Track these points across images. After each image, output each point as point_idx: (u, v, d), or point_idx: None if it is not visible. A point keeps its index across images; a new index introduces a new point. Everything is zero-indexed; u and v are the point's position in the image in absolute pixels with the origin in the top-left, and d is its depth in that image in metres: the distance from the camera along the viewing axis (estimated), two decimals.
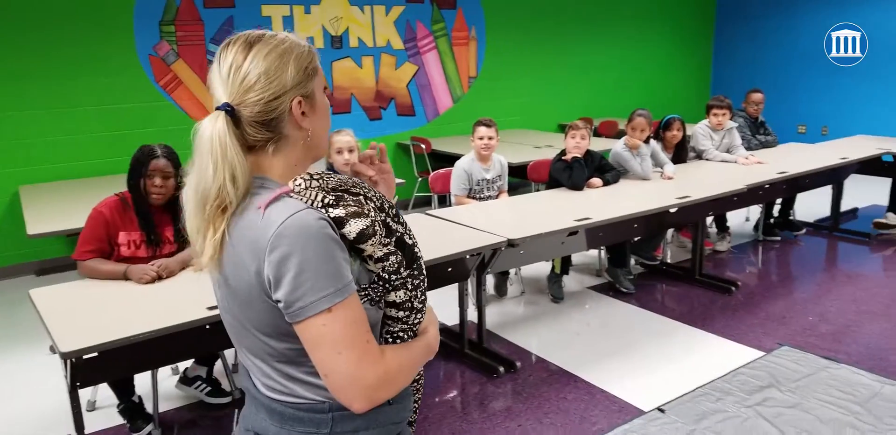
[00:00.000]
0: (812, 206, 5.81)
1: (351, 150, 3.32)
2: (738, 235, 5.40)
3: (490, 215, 3.62)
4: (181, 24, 5.37)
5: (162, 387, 3.02)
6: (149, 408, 2.85)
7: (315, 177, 1.02)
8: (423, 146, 6.06)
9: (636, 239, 4.52)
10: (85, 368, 2.16)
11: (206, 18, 5.47)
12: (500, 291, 4.24)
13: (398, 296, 1.08)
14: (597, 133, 7.09)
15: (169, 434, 2.83)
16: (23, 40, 4.80)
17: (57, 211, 3.85)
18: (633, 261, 4.61)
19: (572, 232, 3.46)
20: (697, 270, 4.39)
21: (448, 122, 6.85)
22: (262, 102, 1.00)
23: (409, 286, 1.09)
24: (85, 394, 2.94)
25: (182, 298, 2.43)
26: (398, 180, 4.57)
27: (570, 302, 4.14)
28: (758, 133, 5.38)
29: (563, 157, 4.07)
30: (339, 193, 1.01)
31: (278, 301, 0.97)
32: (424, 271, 1.13)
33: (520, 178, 5.13)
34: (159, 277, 2.56)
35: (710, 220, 5.10)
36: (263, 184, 1.03)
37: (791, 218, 5.36)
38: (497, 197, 4.12)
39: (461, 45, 6.82)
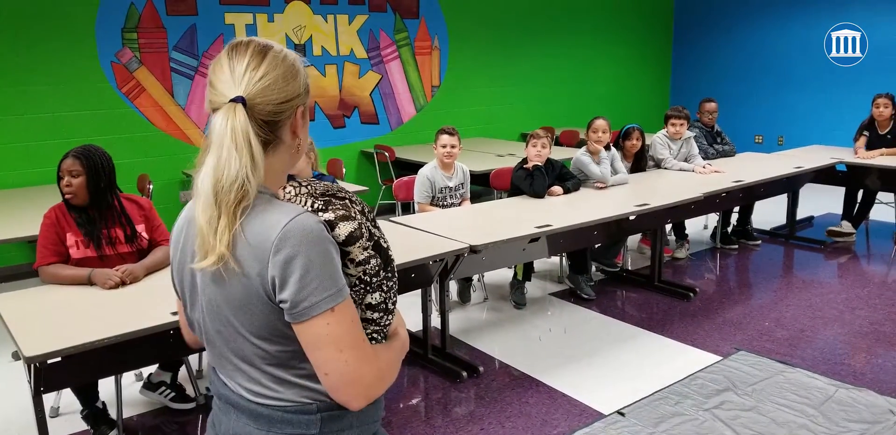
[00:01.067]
0: (768, 214, 5.94)
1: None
2: (697, 242, 5.50)
3: (453, 222, 3.64)
4: (143, 31, 5.32)
5: (126, 393, 3.00)
6: (113, 414, 2.82)
7: (303, 183, 1.06)
8: (387, 154, 6.07)
9: (597, 246, 4.57)
10: (49, 373, 2.16)
11: (169, 26, 5.42)
12: (464, 297, 4.25)
13: (374, 298, 1.11)
14: (558, 142, 7.16)
15: None
16: None
17: (16, 218, 3.81)
18: (594, 267, 4.67)
19: (534, 239, 3.49)
20: (657, 276, 4.46)
21: (411, 131, 6.88)
22: (274, 103, 1.03)
23: (385, 288, 1.12)
24: (48, 400, 2.84)
25: (146, 303, 2.42)
26: (362, 188, 4.62)
27: (532, 308, 4.17)
28: (715, 143, 5.50)
29: (524, 166, 4.11)
30: (328, 198, 1.05)
31: (282, 301, 0.99)
32: (396, 273, 1.16)
33: (482, 186, 5.17)
34: (123, 283, 2.55)
35: (668, 227, 5.18)
36: (259, 188, 1.03)
37: (748, 227, 5.47)
38: (460, 204, 4.14)
39: (424, 55, 6.87)
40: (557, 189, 4.15)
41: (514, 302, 4.19)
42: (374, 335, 1.13)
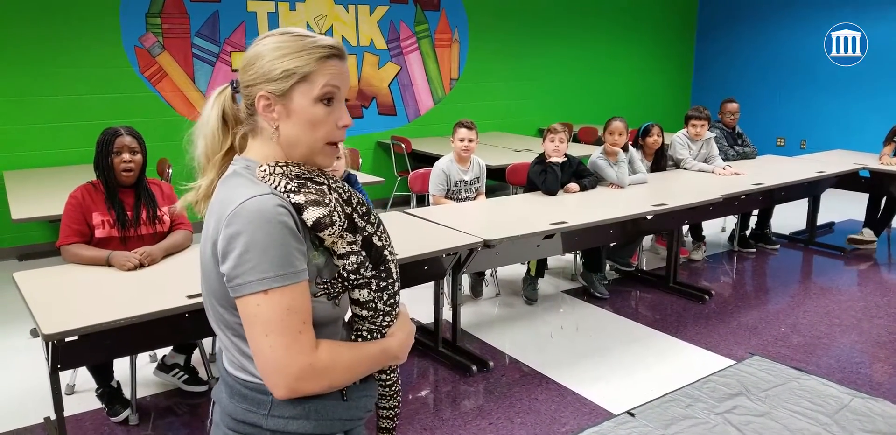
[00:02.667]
0: (788, 218, 5.86)
1: (338, 157, 3.28)
2: (714, 244, 5.43)
3: (467, 216, 3.61)
4: (167, 16, 5.33)
5: (140, 373, 3.03)
6: (127, 393, 2.86)
7: (280, 164, 1.05)
8: (403, 146, 6.05)
9: (612, 245, 4.53)
10: (66, 351, 2.19)
11: (192, 12, 5.43)
12: (476, 291, 4.22)
13: (361, 295, 1.10)
14: (576, 139, 7.12)
15: (146, 420, 2.84)
16: (10, 29, 4.77)
17: (40, 197, 3.85)
18: (608, 266, 4.62)
19: (548, 235, 3.46)
20: (672, 277, 4.41)
21: (429, 123, 6.85)
22: (244, 85, 1.09)
23: (374, 287, 1.10)
24: (64, 378, 2.94)
25: (163, 285, 2.44)
26: (377, 179, 4.61)
27: (544, 305, 4.14)
28: (735, 144, 5.42)
29: (541, 161, 4.08)
30: (303, 181, 1.03)
31: (222, 274, 1.01)
32: (395, 275, 1.14)
33: (498, 181, 5.14)
34: (141, 265, 2.58)
35: (686, 229, 5.12)
36: (248, 164, 1.08)
37: (767, 231, 5.40)
38: (475, 199, 4.11)
39: (444, 47, 6.84)
40: (574, 186, 4.10)
41: (525, 298, 4.17)
42: (366, 334, 1.12)
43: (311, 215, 1.00)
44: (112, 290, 2.43)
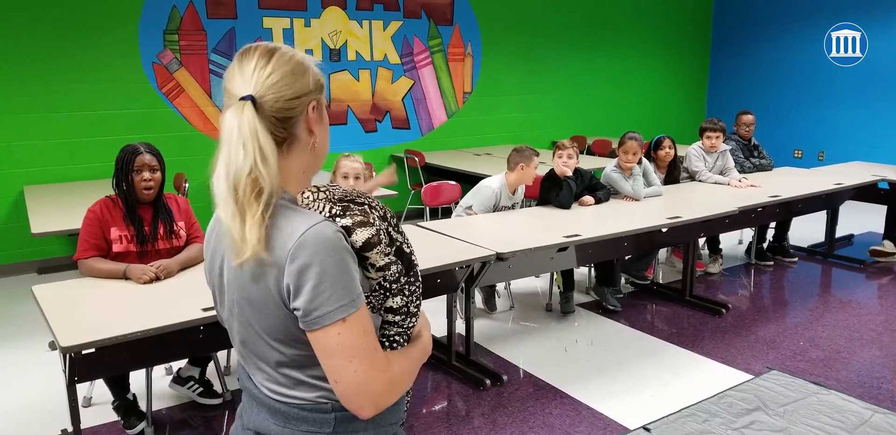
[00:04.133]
0: (806, 231, 5.79)
1: (357, 177, 3.27)
2: (731, 257, 5.38)
3: (480, 229, 3.61)
4: (184, 33, 5.42)
5: (156, 386, 3.05)
6: (143, 406, 2.88)
7: (322, 189, 1.07)
8: (417, 159, 6.09)
9: (627, 258, 4.50)
10: (83, 364, 2.22)
11: (209, 28, 5.52)
12: (490, 305, 4.21)
13: (396, 302, 1.11)
14: (589, 151, 7.10)
15: (161, 432, 2.86)
16: (30, 45, 4.87)
17: (60, 211, 3.91)
18: (623, 280, 4.59)
19: (562, 248, 3.45)
20: (688, 290, 4.37)
21: (442, 136, 6.88)
22: (283, 99, 1.03)
23: (406, 292, 1.12)
24: (81, 391, 2.97)
25: (178, 298, 2.46)
26: (391, 192, 4.63)
27: (558, 319, 4.11)
28: (751, 156, 5.38)
29: (552, 176, 4.07)
30: (346, 204, 1.05)
31: (296, 309, 1.00)
32: (420, 277, 1.17)
33: None
34: (157, 278, 2.61)
35: (702, 242, 5.08)
36: (280, 193, 1.04)
37: (785, 244, 5.34)
38: None
39: (457, 61, 6.88)
40: (589, 199, 4.09)
41: (562, 312, 4.18)
42: (397, 338, 1.13)
43: (360, 237, 1.02)
44: (128, 303, 2.45)
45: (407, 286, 1.12)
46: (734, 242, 5.73)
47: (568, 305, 4.18)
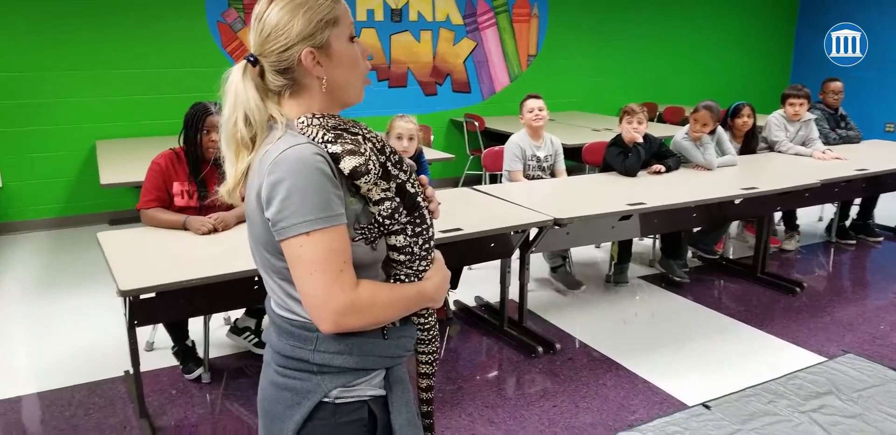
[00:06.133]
0: (894, 209, 5.40)
1: (411, 138, 3.26)
2: (809, 235, 5.07)
3: (539, 194, 3.50)
4: None
5: (214, 335, 3.14)
6: (200, 353, 2.98)
7: (317, 115, 1.10)
8: (477, 124, 5.95)
9: (696, 230, 4.29)
10: (142, 308, 2.32)
11: None
12: (569, 283, 4.01)
13: (398, 240, 1.16)
14: (661, 119, 6.80)
15: (217, 378, 2.94)
16: (97, 4, 4.96)
17: (127, 164, 4.02)
18: (690, 253, 4.38)
19: (624, 217, 3.29)
20: (760, 267, 4.13)
21: (503, 101, 6.69)
22: (275, 53, 1.11)
23: (409, 232, 1.17)
24: (144, 335, 3.11)
25: (234, 250, 2.50)
26: (447, 155, 4.56)
27: (619, 291, 3.97)
28: (838, 127, 5.02)
29: (618, 142, 3.89)
30: (339, 132, 1.09)
31: (268, 219, 1.08)
32: (429, 220, 1.20)
33: (575, 161, 4.96)
34: (215, 230, 2.69)
35: (778, 216, 4.80)
36: (288, 124, 1.12)
37: (870, 222, 4.99)
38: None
39: (522, 22, 6.63)
40: (659, 166, 3.90)
41: (613, 282, 4.03)
42: (404, 278, 1.19)
43: (347, 164, 1.06)
44: (187, 252, 2.52)
45: (410, 227, 1.16)
46: (814, 218, 5.41)
47: (621, 276, 4.02)
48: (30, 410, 2.71)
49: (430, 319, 1.26)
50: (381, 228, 1.14)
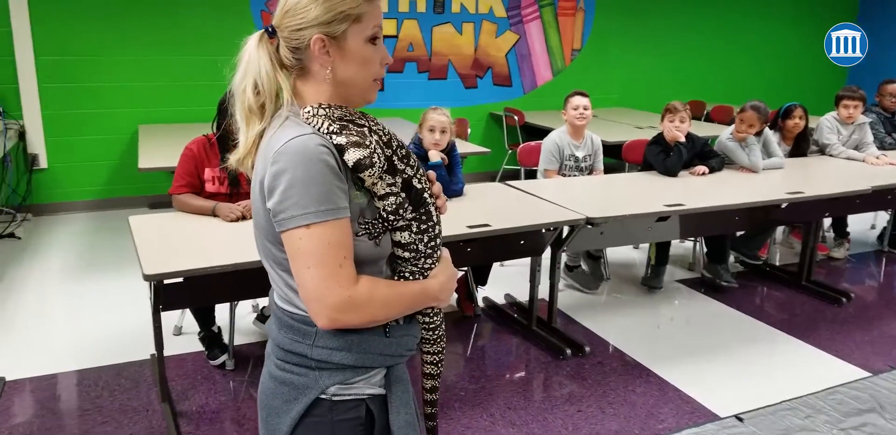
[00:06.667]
0: None
1: (443, 131, 3.20)
2: (859, 242, 4.86)
3: (574, 192, 3.41)
4: None
5: (240, 323, 3.15)
6: (226, 339, 2.99)
7: (323, 105, 1.09)
8: (517, 118, 5.86)
9: (739, 234, 4.14)
10: (168, 293, 2.32)
11: None
12: (596, 275, 3.94)
13: (403, 237, 1.14)
14: (708, 118, 6.61)
15: (242, 366, 2.95)
16: None
17: (167, 149, 4.04)
18: (732, 258, 4.23)
19: (662, 218, 3.18)
20: (806, 275, 3.97)
21: (545, 96, 6.58)
22: (289, 30, 1.11)
23: (415, 229, 1.14)
24: (172, 320, 3.17)
25: None
26: (483, 149, 4.48)
27: (655, 294, 3.85)
28: (894, 131, 4.80)
29: (659, 140, 3.76)
30: (344, 123, 1.07)
31: (269, 209, 1.07)
32: (436, 218, 1.18)
33: (615, 160, 4.85)
34: (244, 217, 2.69)
35: (827, 223, 4.62)
36: (295, 111, 1.12)
37: None
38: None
39: (567, 16, 6.50)
40: (702, 168, 3.76)
41: (645, 286, 3.90)
42: (409, 276, 1.16)
43: (351, 156, 1.04)
44: (214, 238, 2.53)
45: (415, 223, 1.14)
46: (866, 226, 5.18)
47: (656, 279, 3.88)
48: (60, 388, 2.76)
49: (435, 318, 1.23)
50: (386, 224, 1.11)
